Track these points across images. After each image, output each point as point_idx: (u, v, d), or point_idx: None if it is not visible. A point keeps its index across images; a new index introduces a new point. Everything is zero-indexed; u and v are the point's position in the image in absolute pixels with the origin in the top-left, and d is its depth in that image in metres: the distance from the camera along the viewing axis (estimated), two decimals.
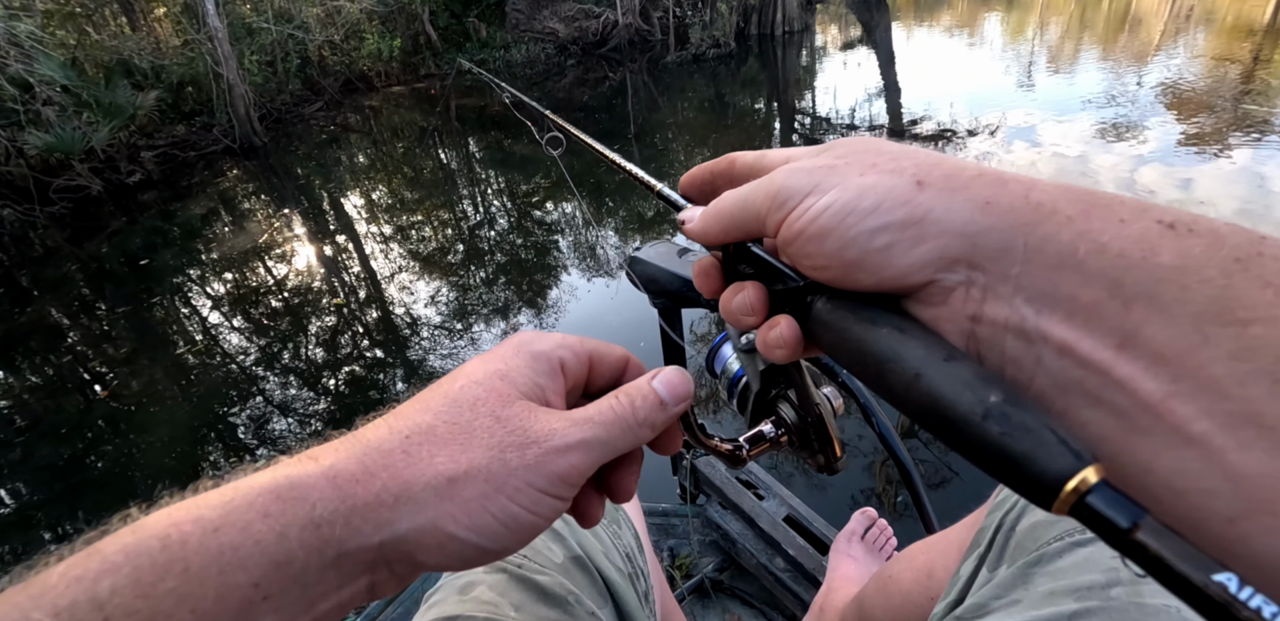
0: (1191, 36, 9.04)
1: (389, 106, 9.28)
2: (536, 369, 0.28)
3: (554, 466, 0.25)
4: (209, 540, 0.21)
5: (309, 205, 5.75)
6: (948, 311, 0.20)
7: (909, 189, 0.20)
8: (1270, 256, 0.16)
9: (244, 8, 8.48)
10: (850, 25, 14.01)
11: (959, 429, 0.18)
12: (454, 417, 0.26)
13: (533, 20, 11.11)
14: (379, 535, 0.23)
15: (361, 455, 0.25)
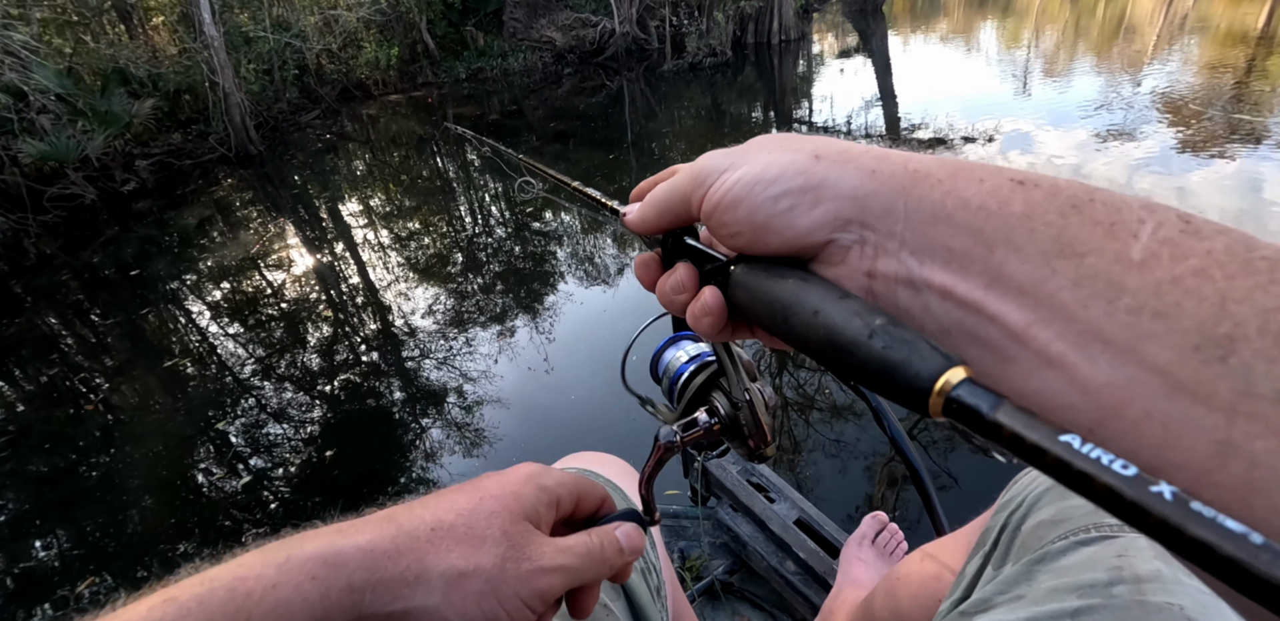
0: (1186, 44, 9.17)
1: (386, 115, 9.34)
2: (540, 499, 0.35)
3: (538, 583, 0.31)
4: (269, 595, 0.26)
5: (304, 213, 5.76)
6: (847, 269, 0.23)
7: (807, 161, 0.24)
8: (1100, 202, 0.19)
9: (242, 16, 8.55)
10: (846, 33, 14.19)
11: (850, 350, 0.20)
12: (471, 522, 0.32)
13: (530, 29, 11.23)
14: (393, 606, 0.29)
15: (394, 536, 0.30)
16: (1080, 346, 0.18)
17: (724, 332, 0.28)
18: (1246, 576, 0.11)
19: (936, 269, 0.21)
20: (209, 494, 2.53)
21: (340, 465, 2.58)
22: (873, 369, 0.20)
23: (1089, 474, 0.14)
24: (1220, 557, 0.12)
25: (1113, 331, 0.17)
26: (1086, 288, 0.18)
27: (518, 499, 0.34)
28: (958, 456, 2.14)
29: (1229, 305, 0.16)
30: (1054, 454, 0.15)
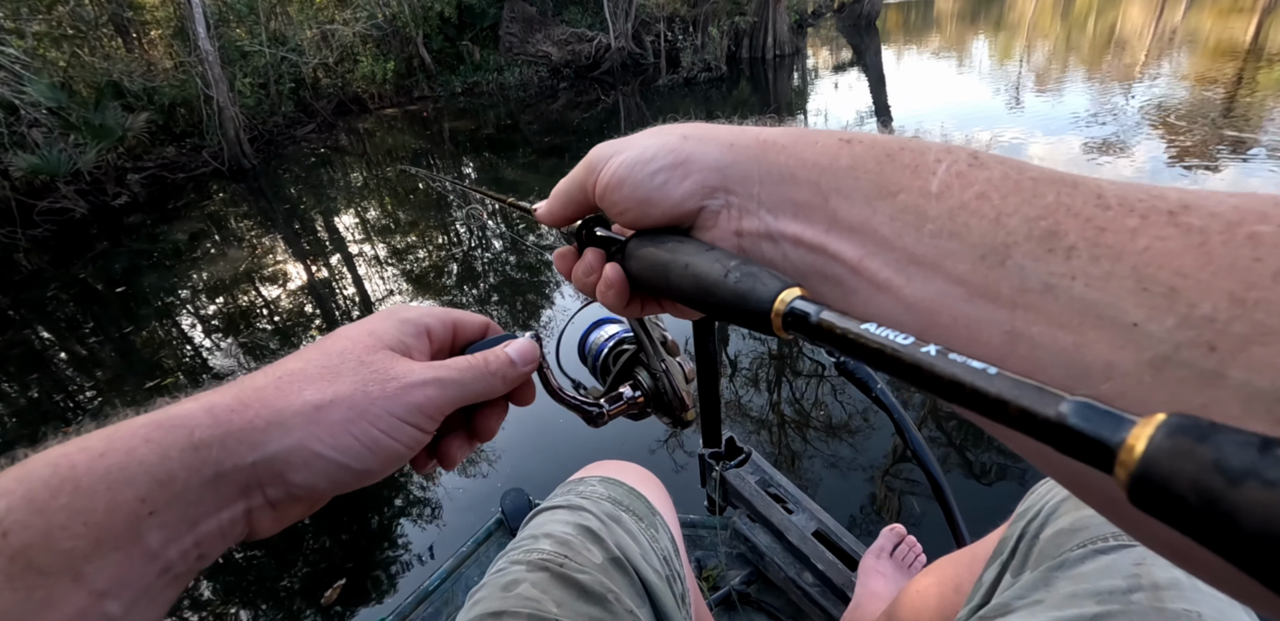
0: (1176, 58, 9.37)
1: (382, 128, 9.41)
2: (404, 330, 0.33)
3: (411, 397, 0.30)
4: (96, 463, 0.24)
5: (298, 227, 5.77)
6: (719, 232, 0.26)
7: (677, 141, 0.27)
8: (908, 150, 0.22)
9: (239, 31, 8.65)
10: (841, 48, 14.45)
11: (713, 290, 0.24)
12: (323, 362, 0.30)
13: (526, 43, 11.39)
14: (252, 455, 0.27)
15: (238, 391, 0.28)
16: (900, 270, 0.21)
17: (633, 307, 0.32)
18: (986, 399, 0.15)
19: (787, 221, 0.24)
20: None
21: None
22: (730, 301, 0.23)
23: (883, 347, 0.18)
24: (970, 391, 0.15)
25: (922, 253, 0.21)
26: (900, 220, 0.21)
27: (373, 333, 0.32)
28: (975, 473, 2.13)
29: (1003, 219, 0.19)
30: (860, 338, 0.18)
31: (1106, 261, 0.17)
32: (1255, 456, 0.11)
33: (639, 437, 2.46)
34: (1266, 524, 0.11)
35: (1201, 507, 0.11)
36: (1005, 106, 7.14)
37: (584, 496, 0.68)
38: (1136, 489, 0.12)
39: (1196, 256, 0.16)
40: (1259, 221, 0.16)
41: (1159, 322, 0.16)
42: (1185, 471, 0.11)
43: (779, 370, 2.79)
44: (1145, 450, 0.12)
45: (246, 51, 8.23)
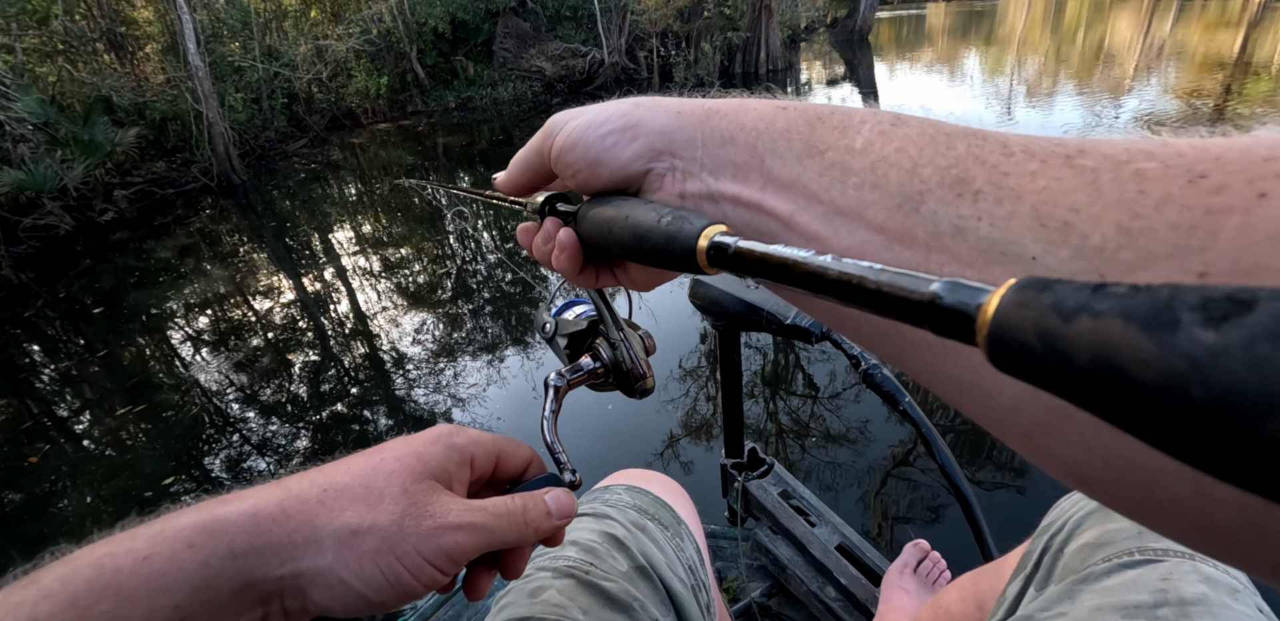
0: (1164, 70, 9.54)
1: (375, 143, 9.46)
2: (449, 458, 0.34)
3: (442, 540, 0.30)
4: (140, 567, 0.25)
5: (287, 242, 5.76)
6: (664, 194, 0.28)
7: (628, 107, 0.29)
8: (838, 114, 0.24)
9: (232, 46, 8.74)
10: (834, 62, 14.68)
11: (647, 237, 0.25)
12: (369, 482, 0.31)
13: (520, 59, 11.54)
14: (283, 569, 0.28)
15: (282, 499, 0.29)
16: (827, 222, 0.23)
17: (587, 275, 0.33)
18: (873, 293, 0.16)
19: (727, 181, 0.26)
20: None
21: None
22: (662, 244, 0.25)
23: (788, 261, 0.19)
24: (860, 287, 0.17)
25: (847, 205, 0.22)
26: (827, 176, 0.23)
27: (421, 458, 0.32)
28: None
29: (919, 169, 0.21)
30: (771, 257, 0.20)
31: (1009, 202, 0.18)
32: (1088, 295, 0.12)
33: (657, 444, 2.47)
34: (1095, 349, 0.11)
35: (1044, 350, 0.12)
36: (997, 119, 7.23)
37: (610, 504, 0.68)
38: (993, 347, 0.13)
39: (1088, 193, 0.17)
40: (1145, 159, 0.17)
41: (1055, 255, 0.17)
42: (1028, 318, 0.12)
43: (802, 382, 2.80)
44: (997, 307, 0.13)
45: (239, 66, 8.30)
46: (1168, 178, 0.16)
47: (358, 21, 10.42)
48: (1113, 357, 0.11)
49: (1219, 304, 0.11)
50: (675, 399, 2.77)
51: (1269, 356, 0.10)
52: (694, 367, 3.01)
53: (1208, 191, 0.15)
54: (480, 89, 11.31)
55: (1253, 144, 0.16)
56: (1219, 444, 0.10)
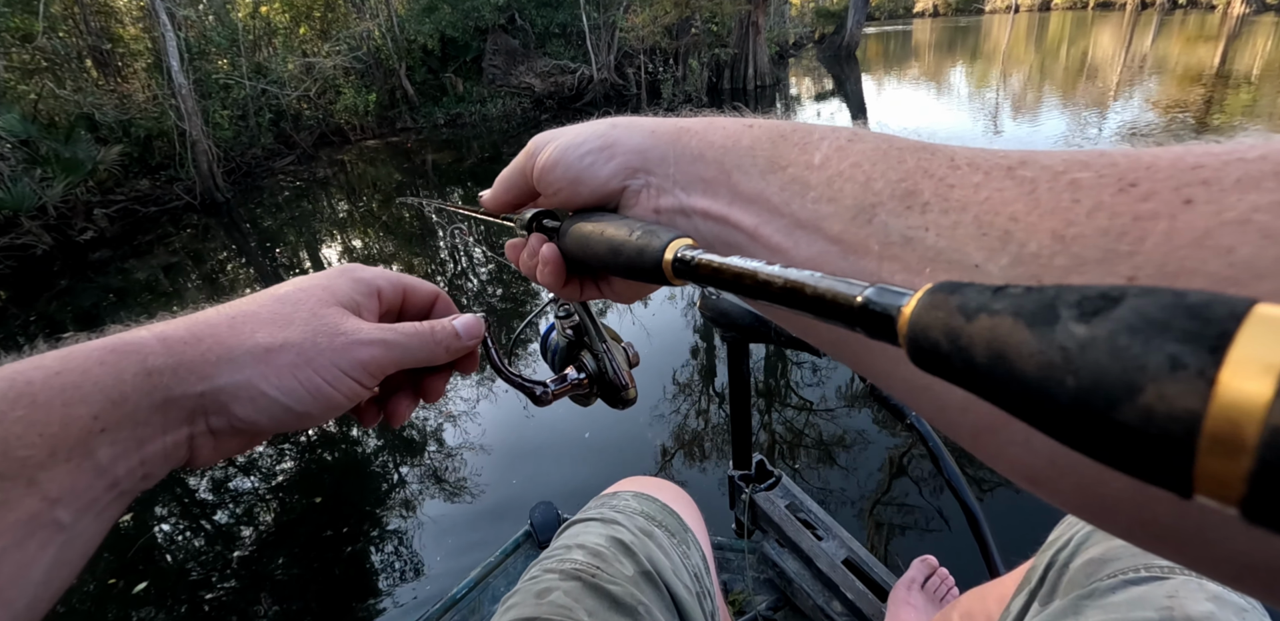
0: (1146, 84, 9.71)
1: (363, 160, 9.48)
2: (356, 288, 0.35)
3: (356, 353, 0.32)
4: (52, 380, 0.25)
5: (271, 260, 5.72)
6: (640, 209, 0.29)
7: (606, 128, 0.30)
8: (800, 131, 0.26)
9: (220, 63, 8.78)
10: (822, 77, 14.89)
11: (620, 250, 0.27)
12: (276, 309, 0.32)
13: (509, 75, 11.65)
14: (201, 385, 0.28)
15: (190, 325, 0.30)
16: (789, 234, 0.24)
17: (571, 288, 0.34)
18: (814, 298, 0.18)
19: (697, 196, 0.27)
20: (168, 549, 2.36)
21: (317, 519, 2.42)
22: (633, 257, 0.26)
23: (743, 272, 0.21)
24: (805, 293, 0.18)
25: (806, 218, 0.23)
26: (788, 190, 0.24)
27: (327, 289, 0.34)
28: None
29: (871, 183, 0.22)
30: (728, 268, 0.21)
31: (954, 213, 0.20)
32: (989, 296, 0.13)
33: (654, 457, 2.46)
34: (989, 345, 0.12)
35: (949, 347, 0.13)
36: (984, 132, 7.31)
37: (618, 510, 0.69)
38: (911, 346, 0.14)
39: (1026, 202, 0.18)
40: (1081, 169, 0.18)
41: (995, 262, 0.18)
42: (938, 318, 0.13)
43: (809, 394, 2.80)
44: (914, 308, 0.14)
45: (226, 84, 8.33)
46: (1100, 186, 0.17)
47: (345, 39, 10.50)
48: (1003, 351, 0.12)
49: (1092, 301, 0.11)
50: (665, 414, 2.75)
51: (1126, 346, 0.10)
52: (689, 380, 2.99)
53: (1137, 199, 0.16)
54: (469, 105, 11.39)
55: (1183, 153, 0.16)
56: (1089, 428, 0.11)
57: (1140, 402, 0.10)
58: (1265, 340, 0.09)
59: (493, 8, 11.43)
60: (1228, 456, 0.09)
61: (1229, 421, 0.09)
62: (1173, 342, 0.10)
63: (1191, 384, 0.09)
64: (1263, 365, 0.09)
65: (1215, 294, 0.11)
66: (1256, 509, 0.09)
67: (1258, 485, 0.09)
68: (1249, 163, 0.15)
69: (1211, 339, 0.10)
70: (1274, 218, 0.14)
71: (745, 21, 11.87)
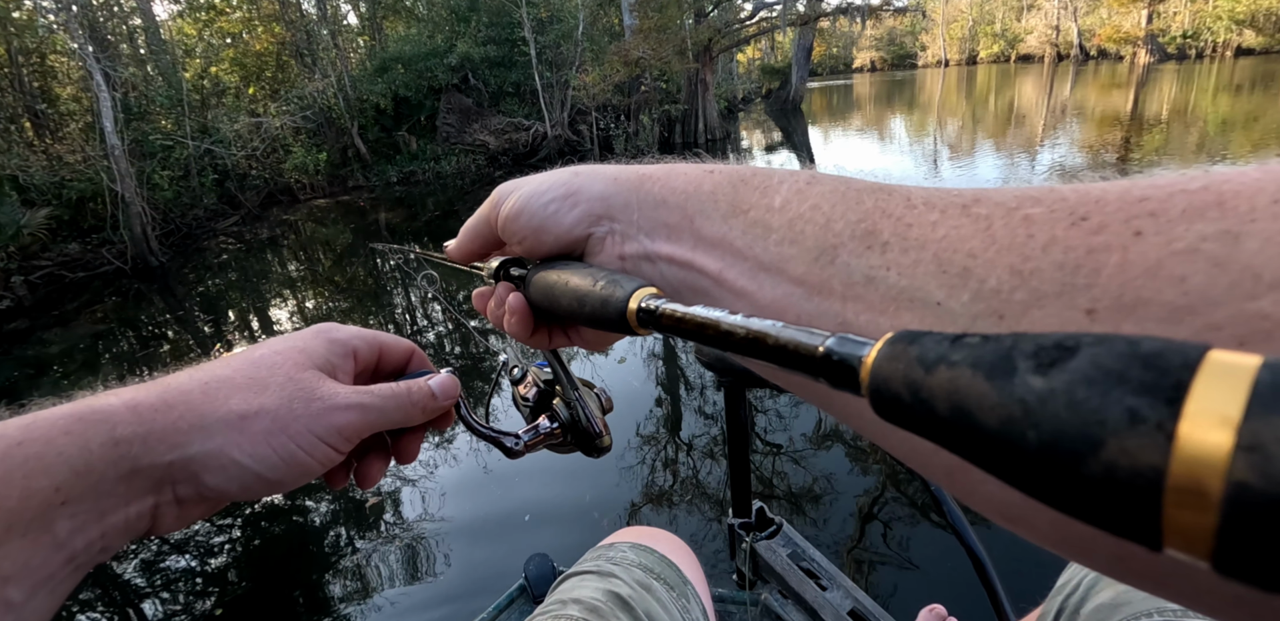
0: (1070, 128, 10.45)
1: (312, 219, 9.38)
2: (332, 350, 0.35)
3: (333, 419, 0.32)
4: (14, 451, 0.25)
5: (210, 324, 5.48)
6: (605, 256, 0.30)
7: (569, 176, 0.31)
8: (759, 175, 0.26)
9: (162, 122, 8.73)
10: (771, 130, 15.65)
11: (585, 299, 0.27)
12: (251, 373, 0.32)
13: (463, 133, 11.89)
14: (171, 454, 0.28)
15: (162, 392, 0.30)
16: (753, 277, 0.24)
17: (540, 337, 0.34)
18: (776, 348, 0.18)
19: (661, 242, 0.28)
20: None
21: (260, 601, 2.20)
22: (597, 307, 0.26)
23: (707, 323, 0.21)
24: (766, 343, 0.18)
25: (769, 260, 0.24)
26: (750, 233, 0.24)
27: (303, 351, 0.34)
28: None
29: (832, 224, 0.22)
30: (692, 318, 0.21)
31: (914, 251, 0.20)
32: (947, 347, 0.13)
33: (662, 502, 2.43)
34: (950, 398, 0.12)
35: (911, 399, 0.13)
36: (924, 176, 7.68)
37: (615, 562, 0.68)
38: (875, 398, 0.14)
39: (983, 239, 0.19)
40: (1033, 205, 0.18)
41: (957, 299, 0.19)
42: (898, 370, 0.13)
43: (809, 439, 2.77)
44: (875, 359, 0.14)
45: (167, 143, 8.25)
46: (1053, 221, 0.17)
47: (292, 99, 10.63)
48: (964, 404, 0.12)
49: (1048, 351, 0.11)
50: (656, 461, 2.71)
51: (1085, 398, 0.10)
52: (679, 425, 2.91)
53: (1089, 232, 0.17)
54: (423, 163, 11.52)
55: (1129, 186, 0.17)
56: (1053, 482, 0.11)
57: (1103, 457, 0.10)
58: (1220, 390, 0.09)
59: (446, 68, 11.79)
60: (1194, 510, 0.09)
61: (1192, 476, 0.09)
62: (1130, 395, 0.10)
63: (1151, 438, 0.09)
64: (1220, 417, 0.09)
65: (1168, 342, 0.11)
66: (1227, 562, 0.09)
67: (1226, 539, 0.09)
68: (1192, 193, 0.16)
69: (1168, 390, 0.10)
70: (1221, 246, 0.14)
71: (694, 79, 12.50)
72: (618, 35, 12.69)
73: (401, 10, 14.64)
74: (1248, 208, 0.15)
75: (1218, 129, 9.15)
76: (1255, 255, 0.14)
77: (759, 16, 13.69)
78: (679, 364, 3.69)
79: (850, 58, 47.60)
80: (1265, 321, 0.13)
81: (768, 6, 13.71)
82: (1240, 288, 0.14)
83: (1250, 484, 0.09)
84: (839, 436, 2.72)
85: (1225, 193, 0.15)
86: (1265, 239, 0.14)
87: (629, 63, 11.00)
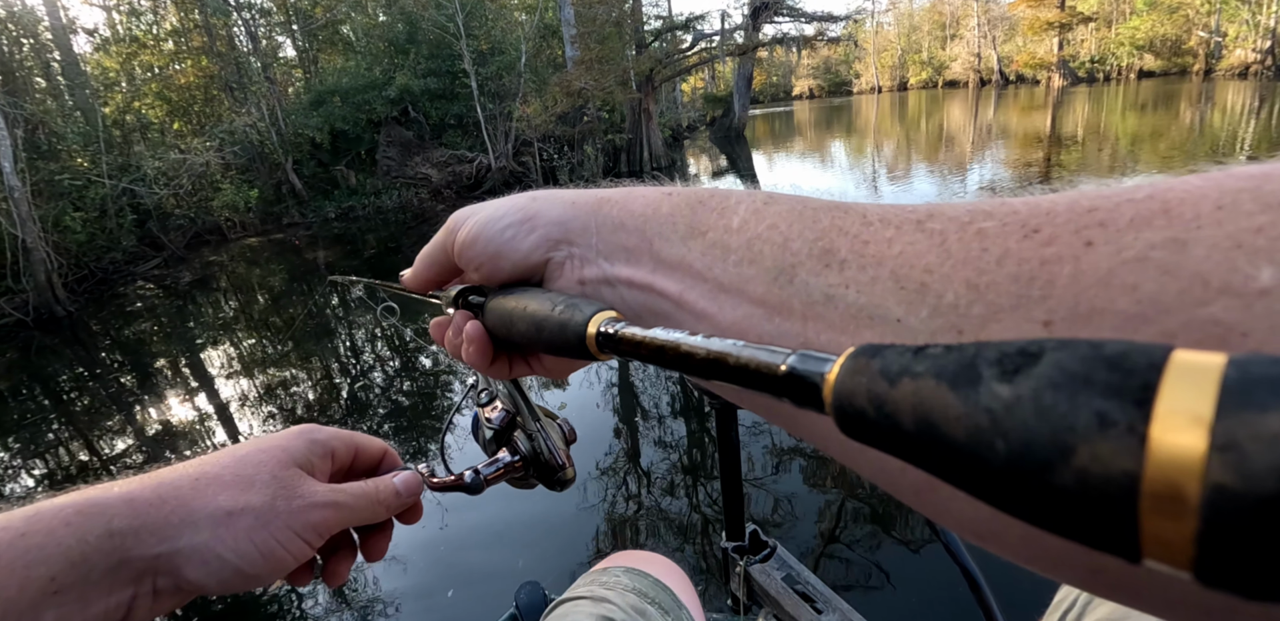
0: (996, 147, 11.03)
1: (243, 259, 8.96)
2: (313, 450, 0.38)
3: (310, 516, 0.34)
4: (17, 542, 0.27)
5: (120, 380, 5.07)
6: (564, 281, 0.29)
7: (526, 202, 0.31)
8: (717, 196, 0.26)
9: (78, 161, 8.27)
10: (716, 156, 16.00)
11: (544, 325, 0.26)
12: (239, 471, 0.34)
13: (404, 167, 11.70)
14: (159, 547, 0.30)
15: (156, 486, 0.32)
16: (713, 299, 0.24)
17: (499, 367, 0.34)
18: (737, 368, 0.18)
19: (621, 265, 0.27)
20: None
21: None
22: (556, 332, 0.25)
23: (666, 345, 0.20)
24: (728, 364, 0.18)
25: (729, 281, 0.24)
26: (709, 255, 0.24)
27: (286, 450, 0.36)
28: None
29: (790, 243, 0.22)
30: (652, 341, 0.21)
31: (871, 268, 0.20)
32: (910, 359, 0.13)
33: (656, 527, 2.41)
34: (915, 410, 0.12)
35: (875, 414, 0.13)
36: (865, 197, 7.90)
37: (608, 587, 0.68)
38: (839, 415, 0.14)
39: (938, 254, 0.19)
40: (985, 219, 0.19)
41: (915, 314, 0.19)
42: (861, 384, 0.13)
43: (799, 460, 2.76)
44: (837, 375, 0.14)
45: (78, 183, 7.78)
46: (1005, 234, 0.18)
47: (217, 134, 10.28)
48: (928, 416, 0.12)
49: (1012, 358, 0.11)
50: (643, 487, 2.67)
51: (1052, 405, 0.10)
52: (668, 448, 2.82)
53: (1040, 244, 0.17)
54: (363, 198, 11.24)
55: (1077, 197, 0.17)
56: (1025, 493, 0.10)
57: (1074, 464, 0.10)
58: (1189, 389, 0.09)
59: (385, 101, 11.66)
60: (1172, 517, 0.09)
61: (1167, 480, 0.09)
62: (1098, 398, 0.10)
63: (1123, 441, 0.09)
64: (1191, 416, 0.09)
65: (1131, 343, 0.10)
66: (1209, 571, 0.09)
67: (1207, 546, 0.09)
68: (1139, 202, 0.16)
69: (1136, 391, 0.10)
70: (1170, 254, 0.15)
71: (637, 108, 12.70)
72: (561, 66, 12.85)
73: (338, 42, 14.51)
74: (1193, 215, 0.15)
75: (1128, 145, 9.80)
76: (1203, 261, 0.14)
77: (699, 47, 14.11)
78: (658, 387, 3.63)
79: (790, 86, 49.64)
80: (1217, 327, 0.14)
81: (707, 37, 14.16)
82: (1190, 294, 0.14)
83: (1228, 486, 0.08)
84: (827, 457, 2.69)
85: (1170, 200, 0.16)
86: (1211, 245, 0.14)
87: (571, 93, 11.11)
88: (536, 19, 13.47)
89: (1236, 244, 0.14)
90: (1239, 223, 0.14)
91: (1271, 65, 21.55)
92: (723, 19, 14.24)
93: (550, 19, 13.78)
